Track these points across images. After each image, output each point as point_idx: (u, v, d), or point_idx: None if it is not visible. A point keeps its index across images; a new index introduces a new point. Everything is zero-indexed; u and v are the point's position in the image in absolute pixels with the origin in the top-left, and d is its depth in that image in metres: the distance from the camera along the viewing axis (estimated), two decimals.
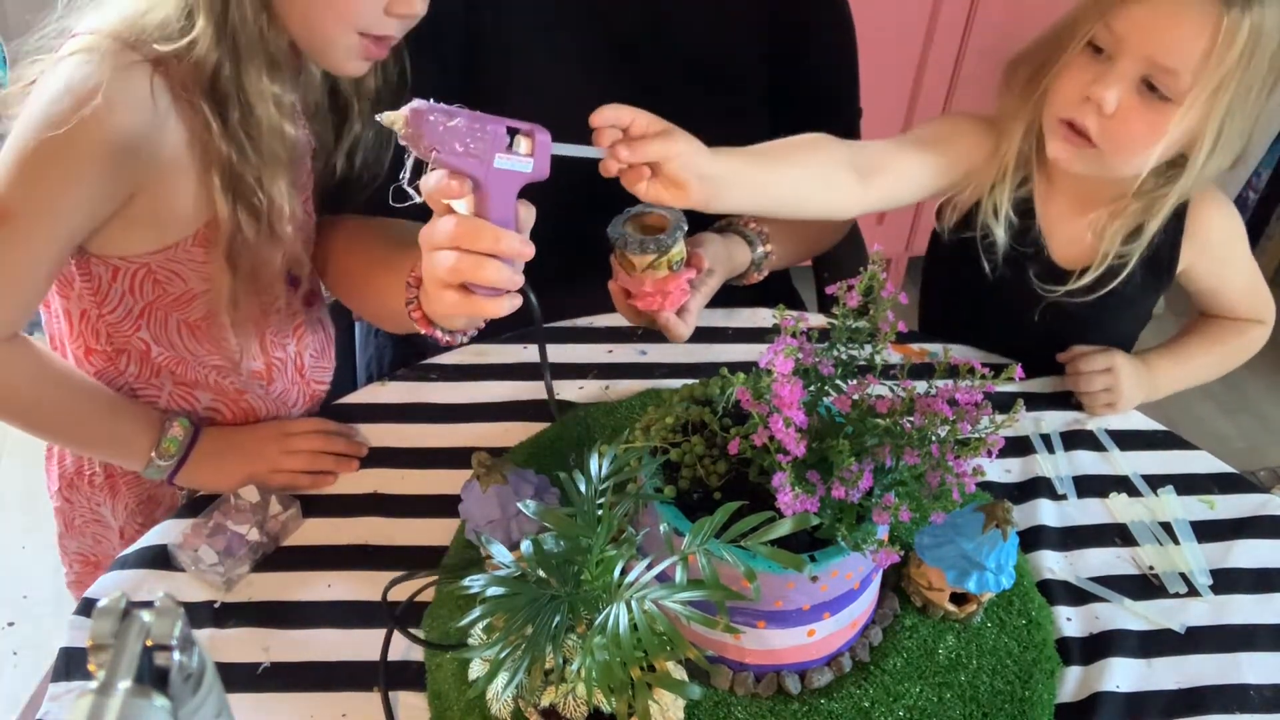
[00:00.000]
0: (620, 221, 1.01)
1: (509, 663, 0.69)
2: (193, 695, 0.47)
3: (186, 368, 1.03)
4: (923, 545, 0.89)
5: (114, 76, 0.82)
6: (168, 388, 1.05)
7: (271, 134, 0.89)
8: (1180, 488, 1.05)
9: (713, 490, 0.81)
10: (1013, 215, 1.11)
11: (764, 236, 1.16)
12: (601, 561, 0.71)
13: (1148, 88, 0.96)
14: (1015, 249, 1.12)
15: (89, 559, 1.18)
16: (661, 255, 0.98)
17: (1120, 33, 0.95)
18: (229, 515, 0.95)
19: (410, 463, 1.03)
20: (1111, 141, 0.99)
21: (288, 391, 1.12)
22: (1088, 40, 0.98)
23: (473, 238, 0.76)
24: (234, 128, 0.87)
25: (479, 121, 0.74)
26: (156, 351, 1.01)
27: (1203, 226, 1.10)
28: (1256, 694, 0.88)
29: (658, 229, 1.00)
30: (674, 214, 1.00)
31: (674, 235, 0.98)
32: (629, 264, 1.00)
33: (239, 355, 1.03)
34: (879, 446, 0.76)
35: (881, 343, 0.79)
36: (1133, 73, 0.96)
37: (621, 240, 0.99)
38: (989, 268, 1.13)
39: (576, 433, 1.06)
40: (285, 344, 1.10)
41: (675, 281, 1.00)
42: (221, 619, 0.90)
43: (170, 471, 0.99)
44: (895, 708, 0.85)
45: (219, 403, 1.07)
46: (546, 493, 0.91)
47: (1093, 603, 0.94)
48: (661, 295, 1.01)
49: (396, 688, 0.86)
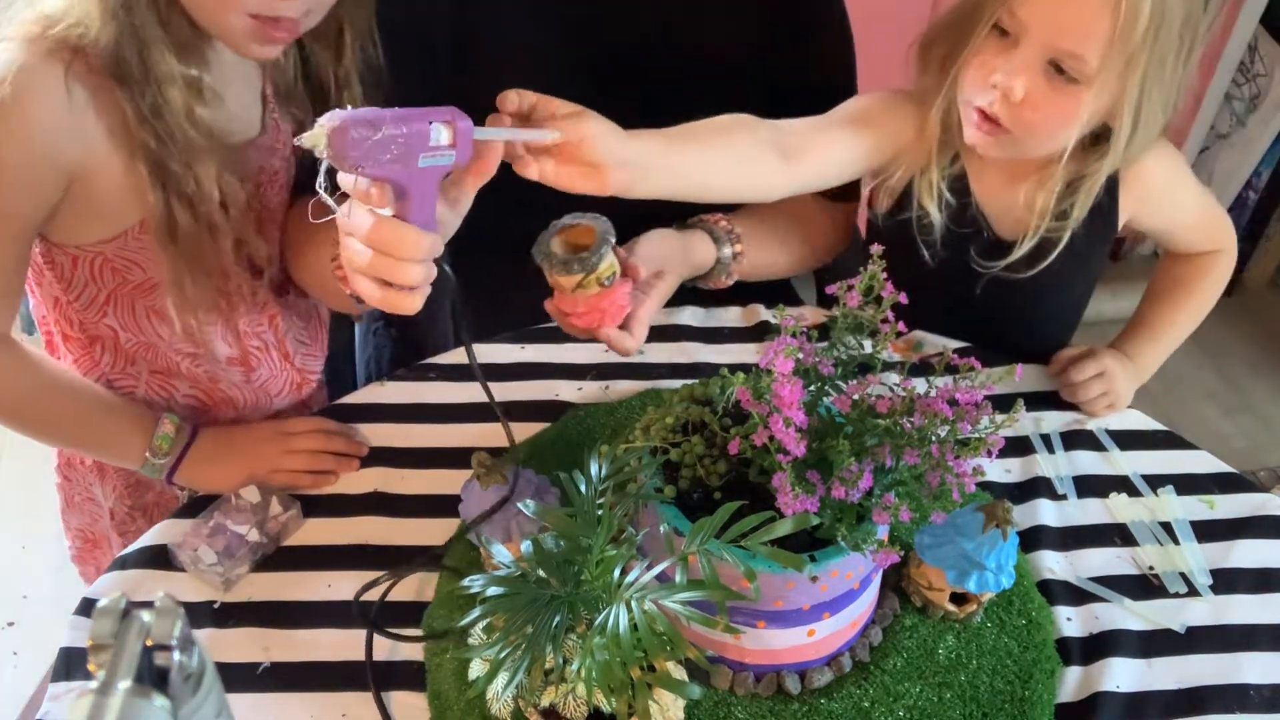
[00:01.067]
0: (546, 238, 0.94)
1: (509, 663, 0.69)
2: (193, 695, 0.47)
3: (157, 355, 1.04)
4: (923, 545, 0.89)
5: (28, 65, 0.83)
6: (144, 376, 1.05)
7: (186, 118, 0.88)
8: (1180, 488, 1.05)
9: (713, 490, 0.81)
10: (948, 194, 1.09)
11: (733, 236, 1.11)
12: (601, 561, 0.71)
13: (1055, 70, 0.94)
14: (953, 229, 1.10)
15: (88, 536, 1.20)
16: (589, 274, 0.92)
17: (1023, 18, 0.93)
18: (229, 515, 0.95)
19: (410, 463, 1.03)
20: (1024, 127, 0.97)
21: (273, 379, 1.12)
22: (993, 23, 0.96)
23: (393, 244, 0.73)
24: (149, 114, 0.86)
25: (401, 123, 0.70)
26: (125, 338, 1.02)
27: (1138, 176, 1.08)
28: (1256, 694, 0.88)
29: (585, 245, 0.93)
30: (601, 225, 0.93)
31: (600, 251, 0.91)
32: (557, 285, 0.95)
33: (200, 341, 1.03)
34: (879, 446, 0.76)
35: (882, 343, 0.79)
36: (1038, 58, 0.94)
37: (546, 261, 0.92)
38: (927, 252, 1.10)
39: (576, 433, 1.06)
40: (260, 331, 1.09)
41: (610, 297, 0.95)
42: (221, 619, 0.90)
43: (168, 470, 0.99)
44: (895, 708, 0.85)
45: (196, 391, 1.07)
46: (546, 493, 0.91)
47: (1093, 603, 0.94)
48: (598, 313, 0.95)
49: (396, 688, 0.86)
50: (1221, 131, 2.43)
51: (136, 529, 1.15)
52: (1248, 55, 2.32)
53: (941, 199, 1.08)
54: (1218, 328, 1.21)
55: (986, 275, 1.10)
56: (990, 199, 1.10)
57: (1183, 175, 1.12)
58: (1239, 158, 2.39)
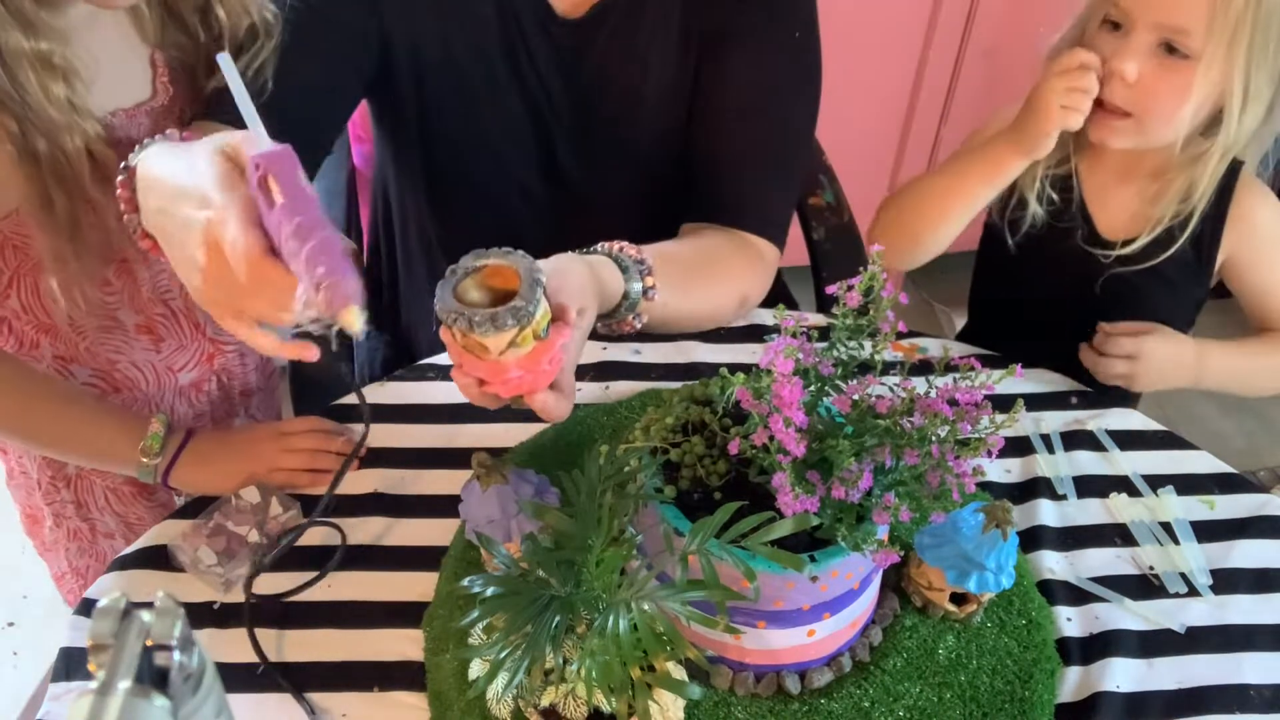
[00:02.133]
0: (448, 288, 0.73)
1: (509, 663, 0.69)
2: (193, 695, 0.47)
3: (58, 337, 1.04)
4: (923, 545, 0.89)
5: None
6: (45, 360, 1.06)
7: (44, 95, 0.86)
8: (1180, 488, 1.05)
9: (713, 490, 0.81)
10: (1051, 191, 1.15)
11: (644, 268, 0.93)
12: (601, 561, 0.71)
13: (1166, 50, 1.00)
14: (1053, 225, 1.15)
15: (27, 510, 1.23)
16: (524, 327, 0.71)
17: (1126, 6, 1.00)
18: (229, 516, 0.95)
19: (410, 463, 1.03)
20: (1142, 108, 1.03)
21: (182, 349, 1.12)
22: (1104, 18, 1.03)
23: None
24: (7, 99, 0.84)
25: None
26: (27, 320, 1.02)
27: (1246, 211, 1.12)
28: (1256, 694, 0.88)
29: (505, 291, 0.74)
30: (522, 263, 0.74)
31: (534, 296, 0.72)
32: (479, 347, 0.73)
33: (106, 314, 1.02)
34: (879, 446, 0.76)
35: (882, 343, 0.79)
36: (1147, 40, 1.00)
37: (463, 320, 0.71)
38: (1011, 241, 1.17)
39: (576, 433, 1.06)
40: (168, 298, 1.08)
41: (547, 352, 0.74)
42: (221, 619, 0.90)
43: (162, 472, 0.99)
44: (895, 708, 0.85)
45: (96, 378, 1.08)
46: (546, 493, 0.91)
47: (1093, 603, 0.94)
48: (533, 375, 0.75)
49: (396, 688, 0.86)
50: None
51: (61, 499, 1.17)
52: None
53: (1044, 194, 1.15)
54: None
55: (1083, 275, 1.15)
56: (1098, 195, 1.16)
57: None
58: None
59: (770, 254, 1.10)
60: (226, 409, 1.24)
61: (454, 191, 1.18)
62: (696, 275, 1.01)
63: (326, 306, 0.62)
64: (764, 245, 1.10)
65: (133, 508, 1.20)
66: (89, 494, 1.18)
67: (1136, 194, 1.13)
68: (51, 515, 1.19)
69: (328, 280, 0.61)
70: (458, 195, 1.20)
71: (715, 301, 1.05)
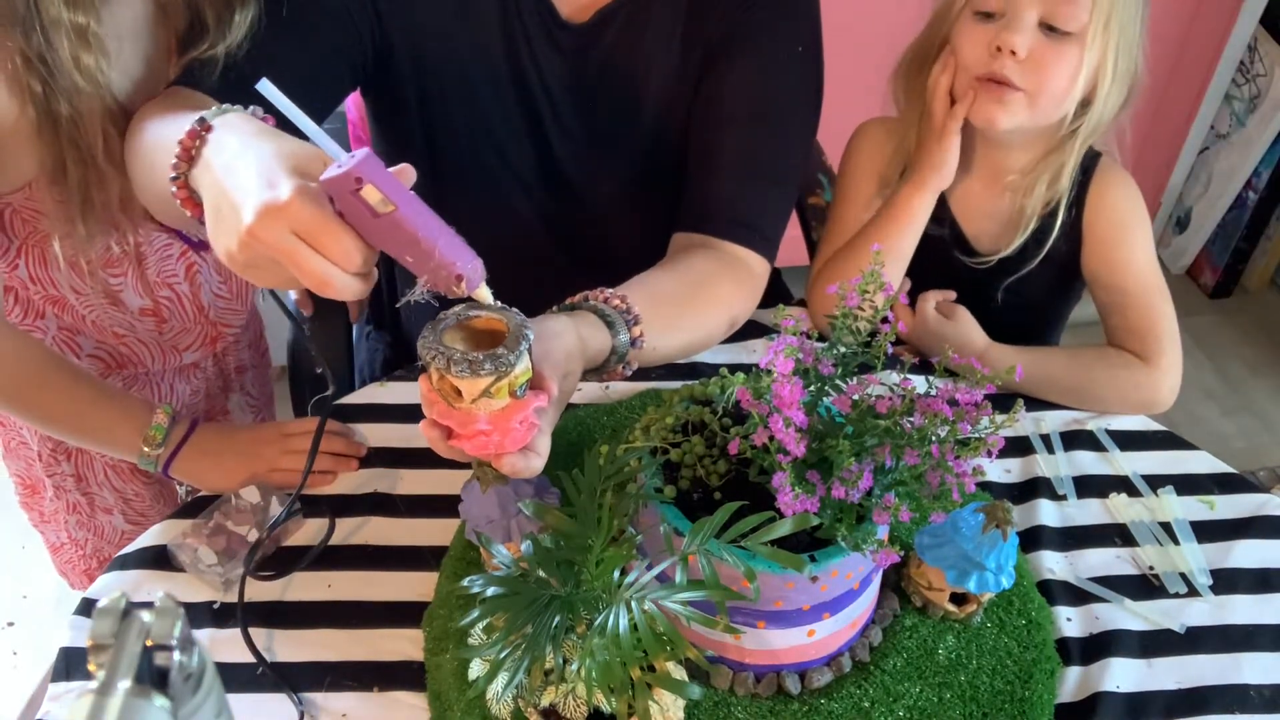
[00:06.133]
0: (434, 333, 0.71)
1: (509, 663, 0.70)
2: (193, 695, 0.47)
3: (65, 308, 1.05)
4: (923, 545, 0.89)
5: None
6: (51, 331, 1.07)
7: (73, 64, 0.87)
8: (1180, 488, 1.05)
9: (713, 490, 0.81)
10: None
11: (631, 318, 0.91)
12: (601, 561, 0.71)
13: (1048, 30, 1.01)
14: (928, 236, 1.16)
15: (25, 480, 1.24)
16: (500, 377, 0.69)
17: None
18: (229, 516, 0.95)
19: (410, 463, 1.03)
20: (1036, 85, 1.03)
21: (185, 332, 1.13)
22: (973, 10, 1.04)
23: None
24: (35, 58, 0.86)
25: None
26: (35, 290, 1.03)
27: (1104, 189, 1.14)
28: (1256, 694, 0.88)
29: (491, 339, 0.72)
30: (514, 319, 0.72)
31: (519, 349, 0.69)
32: (452, 392, 0.71)
33: (109, 291, 1.04)
34: (879, 446, 0.76)
35: (882, 343, 0.79)
36: (1032, 18, 1.01)
37: (441, 359, 0.69)
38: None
39: (576, 433, 1.06)
40: (173, 281, 1.09)
41: (519, 412, 0.72)
42: (221, 619, 0.90)
43: (164, 462, 1.00)
44: (895, 708, 0.85)
45: (101, 350, 1.09)
46: (546, 493, 0.91)
47: (1093, 603, 0.94)
48: (503, 432, 0.72)
49: (396, 688, 0.86)
50: (1221, 131, 2.43)
51: (61, 471, 1.18)
52: (1248, 55, 2.33)
53: None
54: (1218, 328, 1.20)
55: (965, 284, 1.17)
56: (965, 202, 1.18)
57: (1142, 215, 1.15)
58: (1239, 158, 2.39)
59: (760, 267, 1.08)
60: (222, 384, 1.26)
61: (453, 191, 1.18)
62: (686, 308, 1.00)
63: (466, 290, 0.68)
64: (753, 258, 1.07)
65: (131, 484, 1.21)
66: (89, 469, 1.19)
67: (1005, 200, 1.14)
68: (52, 486, 1.20)
69: (469, 266, 0.67)
70: (457, 195, 1.20)
71: (705, 329, 1.04)
